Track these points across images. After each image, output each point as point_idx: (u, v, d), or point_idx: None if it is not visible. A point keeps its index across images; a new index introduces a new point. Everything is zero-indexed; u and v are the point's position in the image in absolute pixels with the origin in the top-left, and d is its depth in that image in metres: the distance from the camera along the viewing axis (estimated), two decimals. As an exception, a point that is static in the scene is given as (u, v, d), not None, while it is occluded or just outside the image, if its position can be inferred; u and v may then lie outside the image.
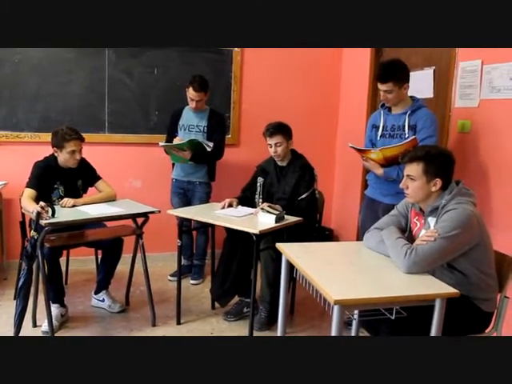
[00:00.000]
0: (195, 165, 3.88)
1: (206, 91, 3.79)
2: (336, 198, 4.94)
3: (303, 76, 4.65)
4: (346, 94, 4.73)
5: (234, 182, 3.94)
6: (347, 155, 4.41)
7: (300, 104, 4.67)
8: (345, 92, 4.74)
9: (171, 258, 4.06)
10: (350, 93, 4.63)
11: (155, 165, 4.31)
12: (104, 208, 3.19)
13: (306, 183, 3.32)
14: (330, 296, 1.81)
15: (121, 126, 4.21)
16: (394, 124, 3.02)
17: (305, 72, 4.65)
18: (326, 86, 4.74)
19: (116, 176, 4.02)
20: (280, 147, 3.34)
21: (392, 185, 2.91)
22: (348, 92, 4.68)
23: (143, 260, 3.24)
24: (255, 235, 2.83)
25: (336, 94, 4.79)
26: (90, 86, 4.10)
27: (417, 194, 2.25)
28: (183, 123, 3.93)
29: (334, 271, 2.10)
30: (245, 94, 4.52)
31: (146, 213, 3.19)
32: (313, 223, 3.46)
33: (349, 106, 4.67)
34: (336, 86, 4.78)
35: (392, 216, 2.46)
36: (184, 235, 3.81)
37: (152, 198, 3.82)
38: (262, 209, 3.06)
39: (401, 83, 2.89)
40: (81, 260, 4.12)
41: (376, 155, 2.92)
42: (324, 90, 4.75)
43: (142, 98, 4.24)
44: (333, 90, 4.77)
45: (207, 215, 3.14)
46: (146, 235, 3.26)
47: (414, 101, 2.99)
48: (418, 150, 2.29)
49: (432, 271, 2.14)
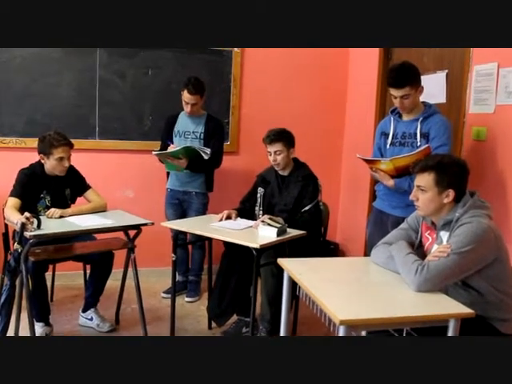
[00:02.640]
0: (191, 174, 3.89)
1: (201, 94, 3.80)
2: (342, 210, 4.94)
3: (308, 79, 4.68)
4: (353, 99, 4.75)
5: (232, 192, 3.95)
6: (354, 164, 4.42)
7: (304, 109, 4.69)
8: (352, 97, 4.76)
9: (165, 273, 4.04)
10: (358, 98, 4.64)
11: (149, 173, 4.31)
12: (93, 219, 3.19)
13: (309, 194, 3.32)
14: (335, 316, 1.81)
15: (112, 132, 4.23)
16: (405, 131, 3.02)
17: (309, 75, 4.68)
18: (332, 89, 4.77)
19: (107, 185, 4.03)
20: (280, 156, 3.35)
21: (402, 196, 2.91)
22: (355, 97, 4.70)
23: (135, 275, 3.23)
24: (255, 250, 2.82)
25: (342, 98, 4.81)
26: (80, 87, 4.11)
27: (428, 206, 2.25)
28: (178, 129, 3.94)
29: (340, 289, 2.09)
30: (245, 98, 4.54)
31: (139, 225, 3.19)
32: (317, 237, 3.46)
33: (356, 112, 4.68)
34: (343, 90, 4.80)
35: (402, 230, 2.45)
36: (179, 249, 3.81)
37: (145, 209, 3.82)
38: (262, 221, 3.06)
39: (416, 86, 2.91)
40: (68, 275, 4.11)
41: (386, 166, 2.92)
42: (330, 95, 4.77)
43: (135, 101, 4.26)
44: (339, 94, 4.79)
45: (204, 228, 3.13)
46: (138, 249, 3.25)
47: (427, 106, 2.99)
48: (429, 159, 2.29)
49: (445, 289, 2.13)
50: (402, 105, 2.95)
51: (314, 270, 2.31)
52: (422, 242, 2.40)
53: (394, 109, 3.10)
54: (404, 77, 2.88)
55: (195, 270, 4.13)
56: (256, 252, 2.83)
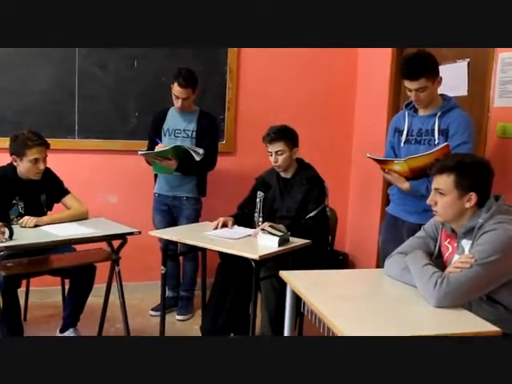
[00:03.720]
0: (182, 176, 3.88)
1: (193, 88, 3.80)
2: (351, 217, 4.94)
3: (313, 71, 4.67)
4: (362, 94, 4.76)
5: (228, 197, 3.94)
6: (364, 165, 4.42)
7: (309, 105, 4.69)
8: (361, 91, 4.77)
9: (153, 288, 4.04)
10: (368, 92, 4.65)
11: (134, 176, 4.31)
12: (73, 228, 3.19)
13: (314, 199, 3.33)
14: (344, 335, 1.81)
15: (93, 130, 4.23)
16: (422, 128, 3.03)
17: (315, 66, 4.67)
18: (340, 83, 4.77)
19: (87, 190, 4.02)
20: (281, 156, 3.35)
21: (419, 201, 2.91)
22: (365, 91, 4.71)
23: (120, 291, 3.23)
24: (254, 261, 2.82)
25: (351, 92, 4.82)
26: (57, 80, 4.10)
27: (447, 211, 2.25)
28: (168, 127, 3.94)
29: (350, 305, 2.09)
30: (242, 92, 4.54)
31: (124, 234, 3.19)
32: (323, 247, 3.46)
33: (366, 107, 4.69)
34: (351, 83, 4.80)
35: (419, 238, 2.45)
36: (169, 261, 3.79)
37: (131, 217, 3.81)
38: (262, 229, 3.06)
39: (434, 77, 2.91)
40: (44, 291, 4.10)
41: (400, 167, 2.93)
42: (337, 88, 4.77)
43: (120, 96, 4.26)
44: (347, 87, 4.80)
45: (197, 237, 3.13)
46: (123, 261, 3.25)
47: (446, 100, 3.00)
48: (448, 159, 2.29)
49: (468, 305, 2.13)
50: (417, 98, 2.95)
51: (320, 283, 2.31)
52: (441, 251, 2.40)
53: (409, 102, 3.10)
54: (419, 67, 2.88)
55: (187, 284, 4.13)
56: (255, 264, 2.83)
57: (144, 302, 4.20)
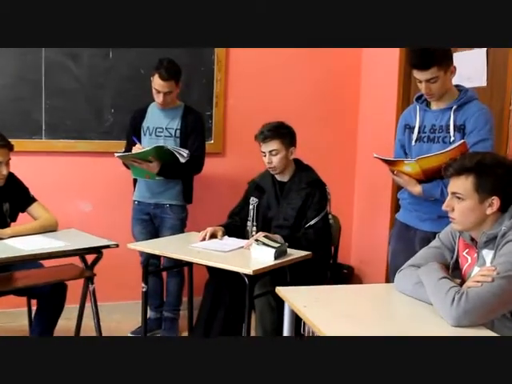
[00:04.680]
0: (165, 181, 3.88)
1: (177, 80, 3.80)
2: (357, 225, 4.95)
3: (312, 61, 4.67)
4: (368, 86, 4.77)
5: (217, 204, 3.95)
6: (371, 166, 4.42)
7: (308, 99, 4.71)
8: (366, 83, 4.79)
9: (133, 308, 4.03)
10: (374, 84, 4.67)
11: (111, 182, 4.31)
12: (40, 241, 3.17)
13: (315, 205, 3.33)
14: (350, 360, 1.80)
15: (63, 129, 4.22)
16: (435, 123, 3.03)
17: (315, 55, 4.66)
18: (343, 75, 4.79)
19: (57, 197, 4.02)
20: (276, 156, 3.35)
21: (433, 206, 2.92)
22: (371, 84, 4.73)
23: (94, 312, 3.22)
24: (248, 276, 2.82)
25: (355, 84, 4.83)
26: (20, 73, 4.09)
27: (466, 218, 2.25)
28: (148, 125, 3.94)
29: (356, 325, 2.08)
30: (232, 84, 4.55)
31: (99, 247, 3.18)
32: (325, 259, 3.47)
33: (372, 102, 4.71)
34: (355, 75, 4.82)
35: (433, 248, 2.45)
36: (150, 277, 3.78)
37: (106, 228, 3.81)
38: (256, 240, 3.06)
39: (446, 66, 2.91)
40: (7, 313, 4.09)
41: (411, 168, 2.93)
42: (340, 81, 4.79)
43: (93, 90, 4.25)
44: (351, 80, 4.82)
45: (182, 250, 3.13)
46: (98, 278, 3.24)
47: (462, 92, 3.00)
48: (466, 159, 2.29)
49: (490, 323, 2.12)
50: (429, 90, 2.95)
51: (322, 301, 2.30)
52: (458, 263, 2.40)
53: (421, 95, 3.10)
54: (430, 55, 2.87)
55: (171, 303, 4.12)
56: (249, 279, 2.83)
57: (122, 324, 4.19)
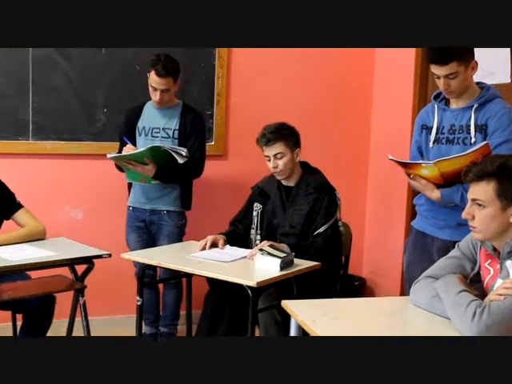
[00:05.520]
0: (162, 185, 3.88)
1: (175, 77, 3.80)
2: (369, 233, 4.95)
3: (323, 56, 4.65)
4: (381, 84, 4.78)
5: (219, 210, 3.94)
6: (384, 170, 4.43)
7: (317, 97, 4.71)
8: (380, 80, 4.79)
9: (127, 323, 4.03)
10: (388, 82, 4.67)
11: (103, 186, 4.31)
12: (27, 251, 3.18)
13: (324, 211, 3.33)
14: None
15: (52, 130, 4.22)
16: (454, 124, 3.02)
17: (325, 51, 4.61)
18: (354, 69, 4.79)
19: (45, 203, 4.03)
20: (281, 160, 3.35)
21: (452, 213, 2.92)
22: (385, 81, 4.73)
23: (85, 327, 3.22)
24: (251, 289, 2.81)
25: (368, 81, 4.84)
26: (6, 69, 4.10)
27: (488, 226, 2.24)
28: (144, 125, 3.94)
29: (368, 342, 2.08)
30: (235, 81, 4.55)
31: (90, 257, 3.18)
32: (335, 270, 3.47)
33: (386, 101, 4.71)
34: (368, 72, 4.83)
35: (452, 259, 2.45)
36: (146, 290, 3.78)
37: (99, 236, 3.81)
38: (260, 250, 3.06)
39: (467, 61, 2.91)
40: (-8, 328, 4.09)
41: (429, 171, 2.92)
42: (351, 78, 4.80)
43: (84, 87, 4.26)
44: (363, 76, 4.82)
45: (180, 260, 3.13)
46: (89, 290, 3.24)
47: (484, 89, 3.00)
48: (487, 163, 2.28)
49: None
50: (447, 87, 2.95)
51: (332, 315, 2.29)
52: (480, 275, 2.39)
53: (439, 93, 3.10)
54: (449, 49, 2.88)
55: (169, 318, 4.12)
56: (252, 292, 2.83)
57: (116, 340, 4.18)
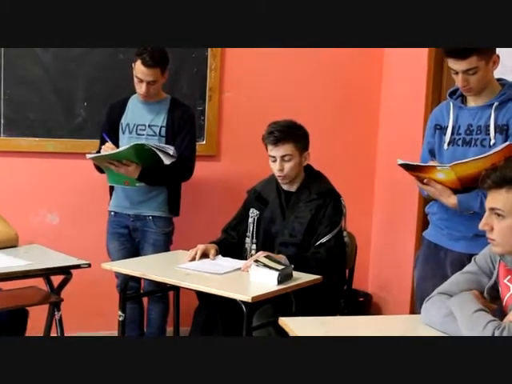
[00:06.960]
0: (147, 189, 3.88)
1: (163, 68, 3.79)
2: (376, 244, 4.96)
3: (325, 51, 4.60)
4: (390, 80, 4.79)
5: (210, 216, 3.94)
6: (393, 175, 4.43)
7: (319, 95, 4.73)
8: (389, 76, 4.81)
9: (106, 341, 4.02)
10: (398, 77, 4.69)
11: (82, 189, 4.31)
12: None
13: (327, 219, 3.33)
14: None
15: (26, 125, 4.23)
16: (472, 123, 3.03)
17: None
18: (361, 65, 4.80)
19: (17, 206, 4.03)
20: (289, 163, 3.35)
21: (468, 222, 2.92)
22: (394, 76, 4.75)
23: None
24: (246, 304, 2.81)
25: (376, 77, 4.86)
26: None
27: (508, 239, 2.24)
28: (128, 121, 3.94)
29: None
30: (228, 75, 4.56)
31: (67, 267, 3.19)
32: (338, 284, 3.47)
33: (396, 99, 4.73)
34: (376, 66, 4.84)
35: (468, 274, 2.45)
36: (129, 304, 3.77)
37: (77, 243, 3.81)
38: (256, 261, 3.06)
39: (488, 55, 2.92)
40: (-43, 344, 4.08)
41: (446, 175, 2.91)
42: (357, 74, 4.81)
43: (62, 79, 4.26)
44: (371, 72, 4.84)
45: (167, 271, 3.14)
46: (66, 304, 3.24)
47: (505, 86, 3.01)
48: (507, 168, 2.28)
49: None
50: (466, 83, 2.96)
51: (334, 334, 2.29)
52: (498, 292, 2.40)
53: (455, 90, 3.11)
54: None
55: (153, 334, 4.10)
56: (247, 308, 2.82)
57: (94, 359, 4.18)
